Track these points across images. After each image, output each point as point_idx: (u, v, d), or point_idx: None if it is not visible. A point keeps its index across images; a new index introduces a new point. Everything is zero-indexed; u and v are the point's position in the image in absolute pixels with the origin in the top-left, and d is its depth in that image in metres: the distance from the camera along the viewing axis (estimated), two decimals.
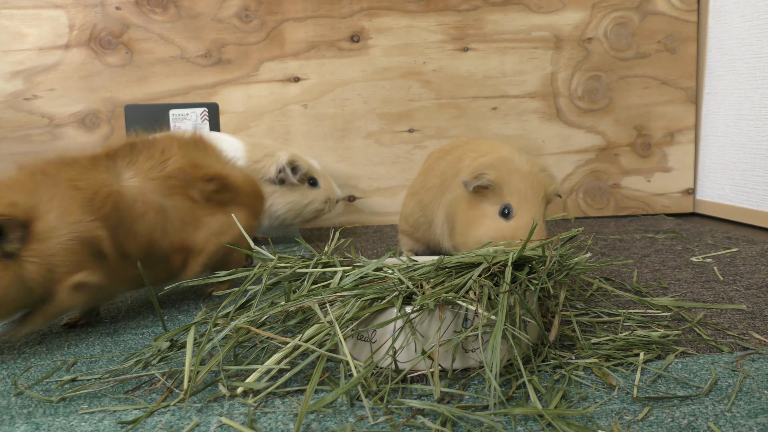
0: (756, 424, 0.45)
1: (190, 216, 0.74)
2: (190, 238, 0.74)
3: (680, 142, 1.42)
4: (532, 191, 0.75)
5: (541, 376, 0.53)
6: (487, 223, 0.76)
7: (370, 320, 0.56)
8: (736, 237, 1.13)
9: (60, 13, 1.26)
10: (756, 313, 0.70)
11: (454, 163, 0.88)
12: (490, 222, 0.75)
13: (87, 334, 0.69)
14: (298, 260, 0.65)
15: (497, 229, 0.74)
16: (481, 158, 0.81)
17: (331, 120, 1.35)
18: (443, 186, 0.88)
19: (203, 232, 0.75)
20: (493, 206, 0.76)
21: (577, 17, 1.37)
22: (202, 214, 0.75)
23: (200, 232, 0.75)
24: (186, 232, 0.74)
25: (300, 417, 0.44)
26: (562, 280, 0.63)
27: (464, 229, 0.79)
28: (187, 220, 0.74)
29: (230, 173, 0.80)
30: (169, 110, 1.27)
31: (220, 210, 0.78)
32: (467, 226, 0.78)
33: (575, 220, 1.38)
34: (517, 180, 0.75)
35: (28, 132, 1.27)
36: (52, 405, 0.51)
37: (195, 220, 0.75)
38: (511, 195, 0.75)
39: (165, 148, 0.75)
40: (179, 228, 0.73)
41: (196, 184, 0.75)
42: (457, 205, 0.81)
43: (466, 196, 0.79)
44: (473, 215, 0.77)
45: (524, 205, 0.74)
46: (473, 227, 0.77)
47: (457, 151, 0.91)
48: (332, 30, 1.33)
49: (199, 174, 0.76)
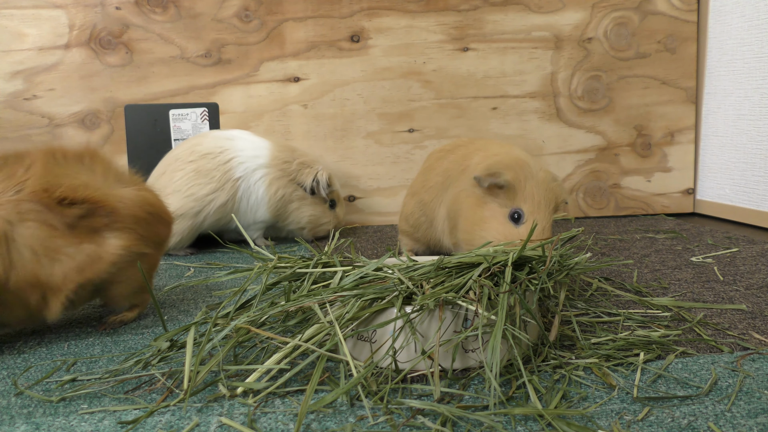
0: (756, 424, 0.45)
1: (45, 246, 0.63)
2: (46, 271, 0.63)
3: (680, 142, 1.42)
4: (545, 200, 0.74)
5: (541, 376, 0.53)
6: (495, 225, 0.74)
7: (370, 320, 0.56)
8: (736, 237, 1.13)
9: (60, 13, 1.26)
10: (756, 313, 0.70)
11: (460, 161, 0.87)
12: (498, 225, 0.74)
13: (87, 334, 0.69)
14: (298, 260, 0.65)
15: (506, 234, 0.73)
16: (494, 157, 0.80)
17: (331, 120, 1.35)
18: (446, 184, 0.87)
19: (63, 265, 0.64)
20: (503, 208, 0.75)
21: (577, 17, 1.37)
22: (63, 244, 0.64)
23: (59, 264, 0.64)
24: (40, 264, 0.62)
25: (300, 417, 0.44)
26: (562, 280, 0.63)
27: (470, 227, 0.77)
28: (40, 251, 0.62)
29: (105, 196, 0.68)
30: (169, 110, 1.27)
31: (90, 238, 0.66)
32: (474, 225, 0.77)
33: (575, 220, 1.38)
34: (533, 186, 0.74)
35: (28, 132, 1.27)
36: (52, 405, 0.51)
37: (52, 251, 0.63)
38: (524, 200, 0.74)
39: (31, 165, 0.65)
40: (31, 260, 0.62)
41: (54, 209, 0.64)
42: (463, 201, 0.80)
43: (474, 193, 0.78)
44: (481, 214, 0.76)
45: (536, 213, 0.73)
46: (480, 227, 0.76)
47: (462, 150, 0.91)
48: (332, 30, 1.33)
49: (58, 197, 0.64)
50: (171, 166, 1.11)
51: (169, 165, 1.12)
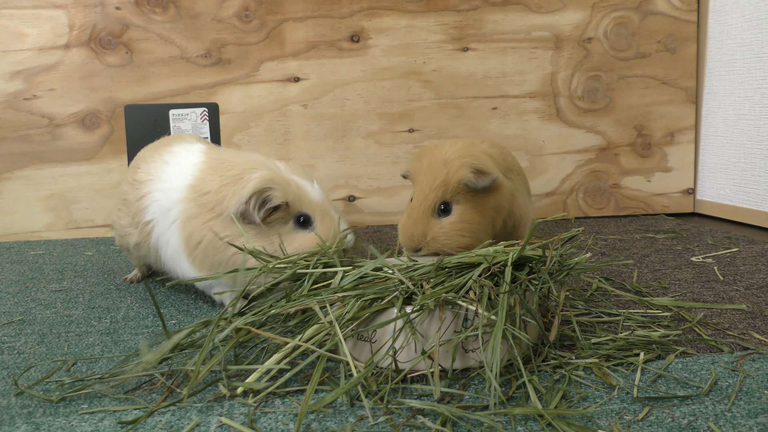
0: (756, 424, 0.45)
1: None
2: None
3: (680, 142, 1.42)
4: (427, 182, 0.81)
5: (541, 376, 0.53)
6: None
7: (370, 320, 0.56)
8: (736, 237, 1.13)
9: (60, 13, 1.26)
10: (756, 313, 0.70)
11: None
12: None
13: (87, 334, 0.69)
14: (299, 260, 0.65)
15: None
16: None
17: (331, 120, 1.35)
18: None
19: None
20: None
21: (577, 17, 1.37)
22: None
23: None
24: None
25: (300, 417, 0.44)
26: (563, 280, 0.63)
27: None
28: None
29: None
30: (169, 110, 1.27)
31: None
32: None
33: (575, 220, 1.38)
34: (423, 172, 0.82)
35: (28, 132, 1.27)
36: (52, 405, 0.51)
37: None
38: (415, 186, 0.82)
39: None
40: None
41: None
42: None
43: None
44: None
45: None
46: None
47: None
48: (332, 30, 1.32)
49: None
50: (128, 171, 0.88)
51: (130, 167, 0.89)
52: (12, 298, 0.84)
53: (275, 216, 0.72)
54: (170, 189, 0.76)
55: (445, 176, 0.75)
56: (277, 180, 0.72)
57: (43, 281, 0.93)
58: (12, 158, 1.27)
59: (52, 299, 0.83)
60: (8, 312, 0.77)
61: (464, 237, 0.75)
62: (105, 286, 0.90)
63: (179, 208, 0.74)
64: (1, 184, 1.27)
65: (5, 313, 0.77)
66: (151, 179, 0.79)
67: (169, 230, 0.75)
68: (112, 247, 1.17)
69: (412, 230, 0.75)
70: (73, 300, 0.82)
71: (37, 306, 0.80)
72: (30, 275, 0.97)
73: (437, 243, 0.75)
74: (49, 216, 1.28)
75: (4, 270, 1.00)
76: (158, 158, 0.81)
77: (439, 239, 0.75)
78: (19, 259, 1.08)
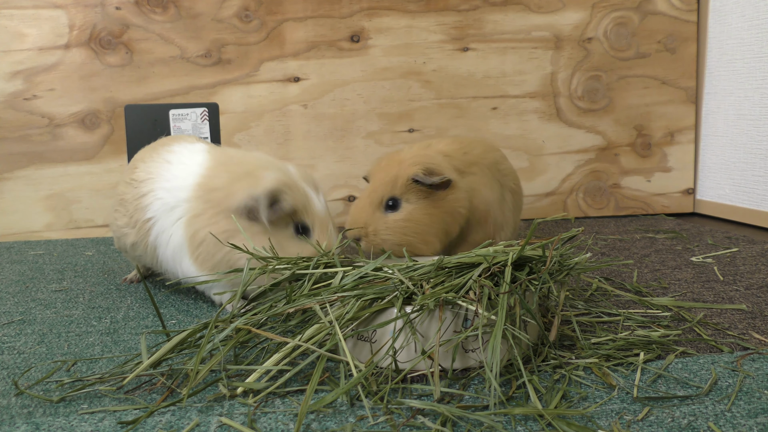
0: (756, 424, 0.45)
1: None
2: None
3: (680, 142, 1.42)
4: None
5: (541, 376, 0.53)
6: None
7: (370, 320, 0.56)
8: (736, 237, 1.13)
9: (60, 13, 1.26)
10: (756, 313, 0.70)
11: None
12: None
13: (87, 334, 0.69)
14: (299, 260, 0.65)
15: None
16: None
17: (331, 120, 1.35)
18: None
19: None
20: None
21: (577, 17, 1.37)
22: None
23: None
24: None
25: (300, 417, 0.44)
26: (562, 280, 0.63)
27: None
28: None
29: None
30: (169, 110, 1.27)
31: None
32: None
33: (575, 220, 1.38)
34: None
35: (28, 132, 1.27)
36: (52, 405, 0.51)
37: None
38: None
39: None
40: None
41: None
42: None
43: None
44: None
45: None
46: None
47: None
48: (332, 30, 1.33)
49: None
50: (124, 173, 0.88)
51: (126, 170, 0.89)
52: (12, 298, 0.84)
53: (278, 219, 0.72)
54: (175, 188, 0.75)
55: (397, 172, 0.76)
56: (290, 184, 0.72)
57: (43, 281, 0.93)
58: (12, 158, 1.27)
59: (52, 299, 0.83)
60: (8, 312, 0.77)
61: (407, 236, 0.74)
62: (105, 286, 0.90)
63: (185, 206, 0.74)
64: (1, 184, 1.27)
65: (5, 313, 0.77)
66: (152, 178, 0.78)
67: (172, 228, 0.74)
68: (112, 247, 1.17)
69: (356, 216, 0.76)
70: (73, 300, 0.82)
71: (37, 306, 0.80)
72: (30, 275, 0.97)
73: (378, 237, 0.75)
74: (49, 216, 1.28)
75: (4, 270, 1.00)
76: (158, 158, 0.80)
77: (380, 233, 0.75)
78: (19, 259, 1.08)
